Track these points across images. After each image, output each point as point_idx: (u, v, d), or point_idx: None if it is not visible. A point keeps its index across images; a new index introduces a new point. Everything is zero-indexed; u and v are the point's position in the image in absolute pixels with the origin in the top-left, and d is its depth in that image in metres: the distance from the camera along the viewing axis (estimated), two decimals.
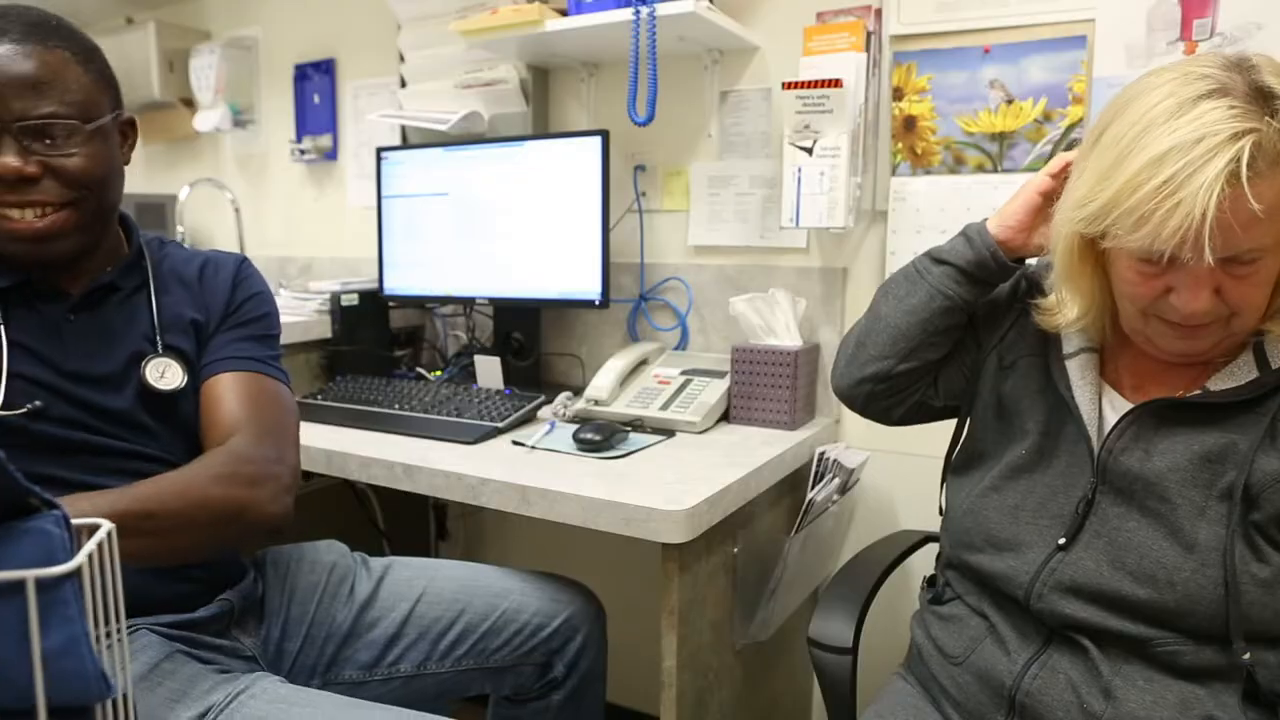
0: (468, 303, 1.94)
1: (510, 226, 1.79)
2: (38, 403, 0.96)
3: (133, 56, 2.48)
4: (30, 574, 0.50)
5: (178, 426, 1.07)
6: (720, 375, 1.62)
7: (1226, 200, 0.73)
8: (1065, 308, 0.94)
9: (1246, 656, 0.81)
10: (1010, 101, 1.46)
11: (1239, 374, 0.85)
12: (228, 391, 1.07)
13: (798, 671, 1.66)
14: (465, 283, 1.86)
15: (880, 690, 1.10)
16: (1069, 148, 1.42)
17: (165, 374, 1.05)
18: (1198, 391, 0.87)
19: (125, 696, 0.59)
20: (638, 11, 1.51)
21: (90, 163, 0.96)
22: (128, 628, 0.93)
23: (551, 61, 1.91)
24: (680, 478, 1.23)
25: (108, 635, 0.57)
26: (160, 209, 2.59)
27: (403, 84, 2.09)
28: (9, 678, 0.51)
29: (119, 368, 1.04)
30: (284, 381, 1.13)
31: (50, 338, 1.00)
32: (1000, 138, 1.48)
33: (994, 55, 1.47)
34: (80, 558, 0.53)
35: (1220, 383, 0.86)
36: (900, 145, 1.56)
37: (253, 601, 1.13)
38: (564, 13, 1.64)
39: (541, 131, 1.94)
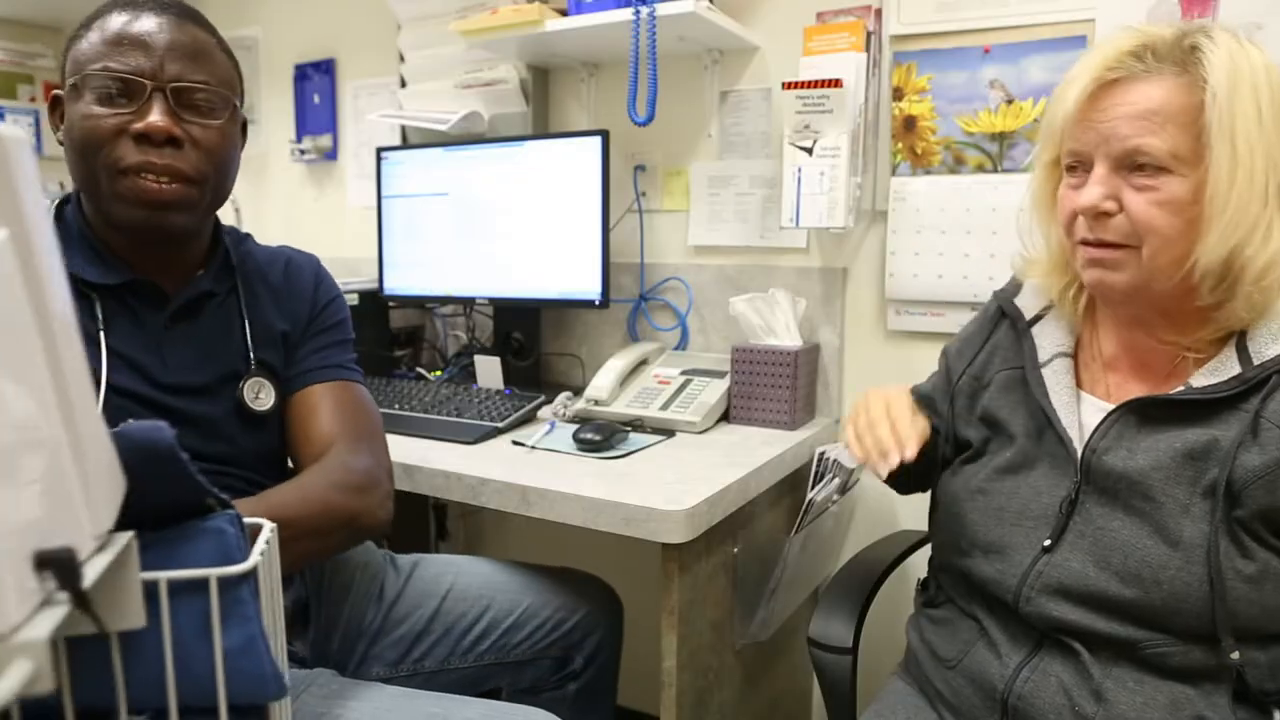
0: (468, 303, 1.94)
1: (510, 226, 1.79)
2: (130, 420, 0.95)
3: None
4: (213, 572, 0.51)
5: (263, 445, 1.09)
6: (720, 375, 1.62)
7: (1116, 78, 0.81)
8: (1037, 251, 1.00)
9: (1235, 656, 0.81)
10: (1010, 101, 1.46)
11: (1222, 370, 0.84)
12: (321, 403, 1.09)
13: (798, 671, 1.66)
14: (465, 283, 1.86)
15: (880, 691, 1.10)
16: None
17: (260, 394, 1.07)
18: (1181, 388, 0.86)
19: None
20: (638, 11, 1.51)
21: (227, 142, 0.99)
22: None
23: (551, 61, 1.91)
24: (680, 478, 1.23)
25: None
26: None
27: (403, 84, 2.09)
28: (192, 675, 0.52)
29: (214, 383, 1.04)
30: (364, 382, 1.16)
31: (149, 348, 1.00)
32: (1000, 138, 1.48)
33: (994, 55, 1.47)
34: (255, 556, 0.53)
35: (1203, 379, 0.85)
36: (900, 145, 1.56)
37: (301, 606, 1.14)
38: (564, 13, 1.64)
39: (541, 131, 1.94)
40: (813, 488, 1.33)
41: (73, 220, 1.00)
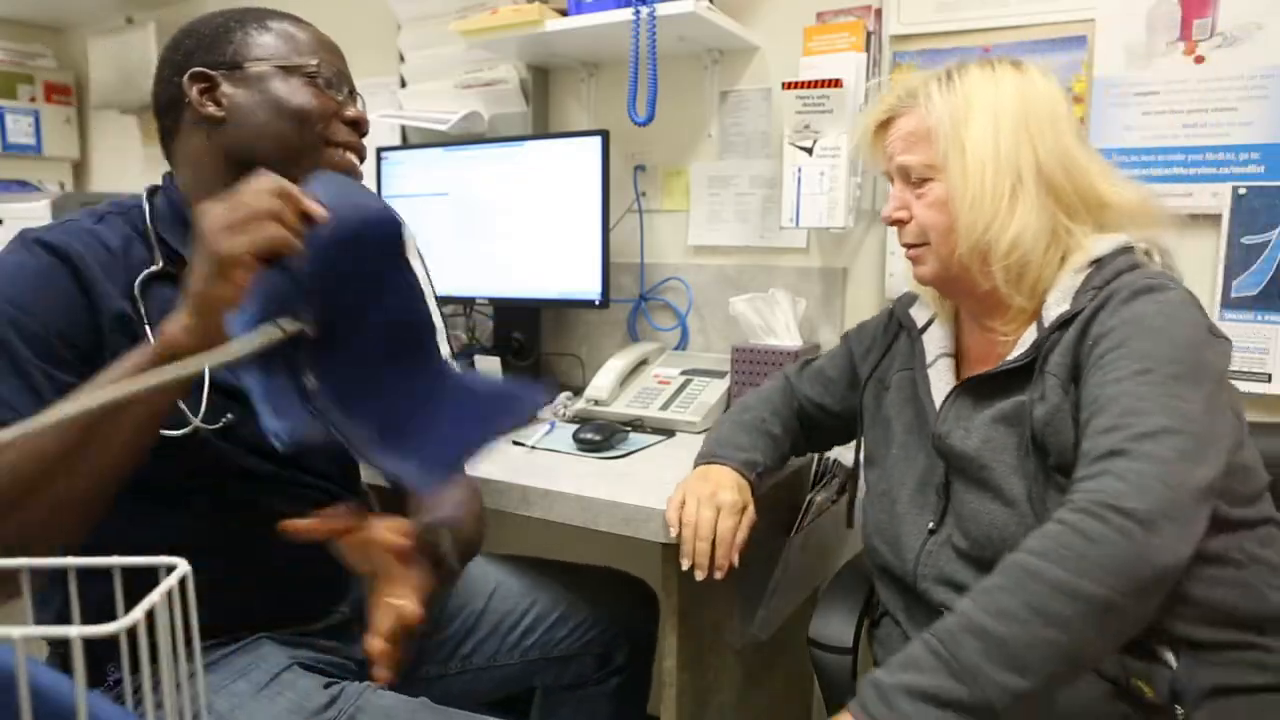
0: (468, 303, 1.94)
1: (510, 226, 1.79)
2: (230, 416, 0.96)
3: (133, 56, 2.48)
4: (72, 631, 0.43)
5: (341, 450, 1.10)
6: (720, 375, 1.62)
7: (889, 118, 1.02)
8: None
9: None
10: None
11: (1026, 341, 0.93)
12: None
13: (798, 672, 1.66)
14: (465, 283, 1.86)
15: None
16: None
17: None
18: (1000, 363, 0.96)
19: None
20: (638, 11, 1.51)
21: None
22: (252, 639, 0.97)
23: (551, 61, 1.91)
24: (680, 478, 1.23)
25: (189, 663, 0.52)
26: None
27: (403, 84, 2.09)
28: None
29: None
30: None
31: None
32: None
33: (994, 55, 1.47)
34: (137, 613, 0.45)
35: (1014, 351, 0.94)
36: None
37: (359, 611, 1.13)
38: (564, 13, 1.64)
39: (541, 131, 1.94)
40: (813, 488, 1.34)
41: (169, 210, 1.02)
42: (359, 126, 1.04)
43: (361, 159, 1.06)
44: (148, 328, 0.91)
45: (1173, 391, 0.78)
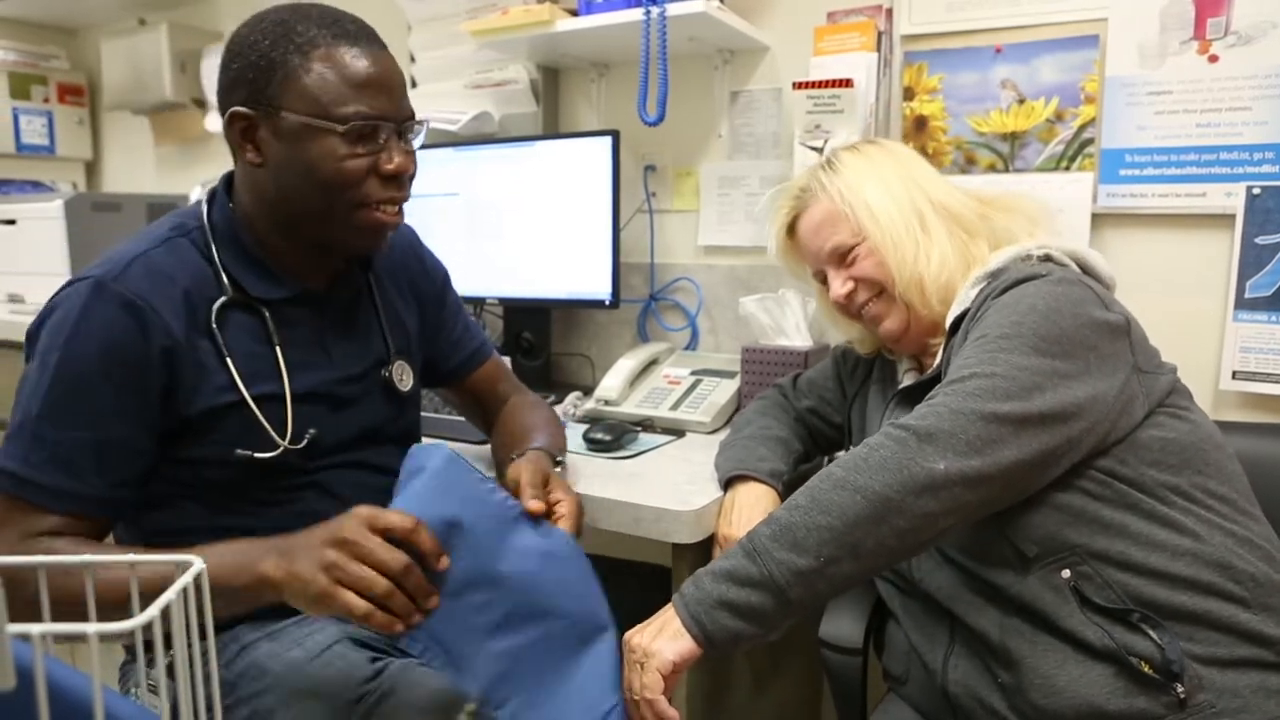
0: (478, 303, 1.95)
1: (520, 227, 1.80)
2: (313, 431, 1.00)
3: (145, 58, 2.49)
4: (90, 628, 0.44)
5: (406, 424, 1.14)
6: (730, 375, 1.62)
7: (796, 213, 1.16)
8: None
9: (1068, 574, 0.86)
10: (1022, 101, 1.46)
11: (942, 351, 1.02)
12: (506, 374, 1.31)
13: (808, 672, 1.66)
14: (475, 283, 1.87)
15: (880, 704, 1.11)
16: (1081, 148, 1.42)
17: (403, 377, 1.12)
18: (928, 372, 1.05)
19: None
20: (648, 12, 1.51)
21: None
22: None
23: (562, 62, 1.91)
24: (690, 478, 1.23)
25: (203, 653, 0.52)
26: (172, 209, 2.60)
27: (413, 84, 2.10)
28: None
29: (367, 371, 1.08)
30: None
31: (319, 350, 1.04)
32: (1012, 138, 1.47)
33: (1005, 55, 1.46)
34: (153, 610, 0.47)
35: (934, 360, 1.05)
36: (911, 145, 1.55)
37: None
38: (574, 13, 1.64)
39: (552, 132, 1.94)
40: None
41: (227, 227, 1.00)
42: (398, 177, 0.97)
43: (405, 200, 1.01)
44: (229, 358, 0.95)
45: (996, 348, 0.87)
